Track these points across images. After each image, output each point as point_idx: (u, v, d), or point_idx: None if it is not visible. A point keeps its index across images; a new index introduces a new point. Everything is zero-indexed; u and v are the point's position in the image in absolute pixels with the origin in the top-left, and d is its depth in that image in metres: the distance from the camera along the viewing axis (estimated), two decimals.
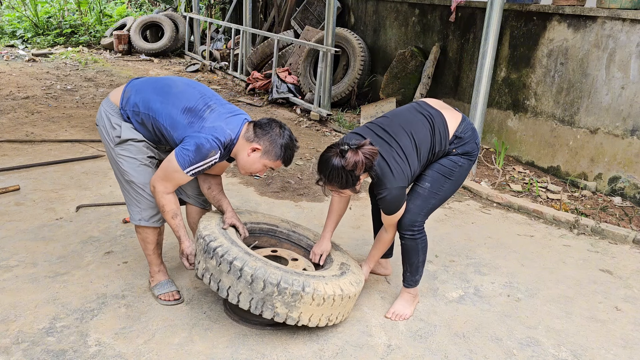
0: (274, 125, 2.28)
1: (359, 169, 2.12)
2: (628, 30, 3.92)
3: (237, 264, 2.11)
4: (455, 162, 2.37)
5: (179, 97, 2.28)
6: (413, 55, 5.87)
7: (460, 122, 2.38)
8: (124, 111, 2.33)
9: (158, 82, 2.36)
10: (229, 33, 9.81)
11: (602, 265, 3.19)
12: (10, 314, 2.39)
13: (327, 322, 2.26)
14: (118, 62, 9.40)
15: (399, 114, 2.38)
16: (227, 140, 2.23)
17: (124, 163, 2.36)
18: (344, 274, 2.34)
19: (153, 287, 2.57)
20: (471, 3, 5.25)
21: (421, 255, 2.49)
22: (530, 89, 4.76)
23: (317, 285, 2.14)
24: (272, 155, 2.25)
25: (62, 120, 5.54)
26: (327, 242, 2.54)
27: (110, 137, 2.36)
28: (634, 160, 3.98)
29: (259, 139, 2.25)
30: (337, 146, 2.18)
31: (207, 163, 2.20)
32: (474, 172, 4.48)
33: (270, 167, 2.32)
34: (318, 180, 2.26)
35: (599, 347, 2.42)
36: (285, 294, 2.09)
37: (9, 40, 10.68)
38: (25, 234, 3.12)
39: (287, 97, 6.89)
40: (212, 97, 2.35)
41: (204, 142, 2.16)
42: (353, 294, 2.28)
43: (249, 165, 2.29)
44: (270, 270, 2.11)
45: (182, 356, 2.19)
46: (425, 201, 2.39)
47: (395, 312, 2.53)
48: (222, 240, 2.23)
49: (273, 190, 4.06)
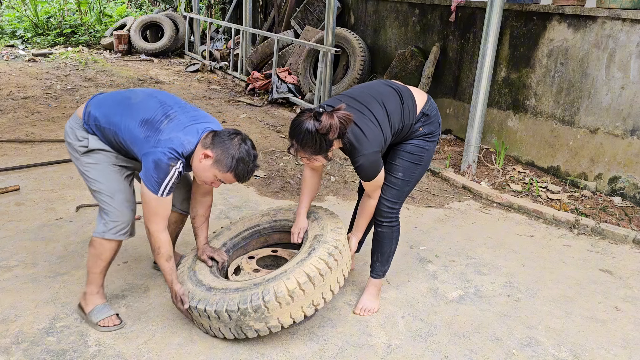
0: (234, 136, 2.15)
1: (333, 132, 2.09)
2: (628, 30, 3.92)
3: (200, 306, 2.17)
4: (422, 147, 2.42)
5: (137, 109, 2.20)
6: (413, 55, 5.87)
7: (427, 100, 2.43)
8: (88, 125, 2.25)
9: (118, 95, 2.30)
10: (229, 33, 9.80)
11: (602, 265, 3.19)
12: (10, 314, 2.39)
13: (315, 308, 2.19)
14: (118, 62, 9.40)
15: (369, 86, 2.42)
16: (185, 150, 2.13)
17: (91, 171, 2.27)
18: (312, 252, 2.24)
19: (89, 313, 2.34)
20: (471, 3, 5.25)
21: (394, 244, 2.56)
22: (530, 89, 4.76)
23: (277, 287, 2.09)
24: (223, 165, 2.11)
25: (62, 120, 5.54)
26: (303, 219, 2.53)
27: (76, 148, 2.27)
28: (634, 160, 3.98)
29: (214, 146, 2.12)
30: (310, 110, 2.15)
31: (173, 175, 2.10)
32: (473, 172, 4.48)
33: (221, 181, 2.18)
34: (290, 147, 2.20)
35: (599, 347, 2.42)
36: (250, 313, 2.09)
37: (9, 40, 10.68)
38: (25, 234, 3.12)
39: (287, 97, 6.89)
40: (174, 106, 2.24)
41: (161, 157, 2.07)
42: (325, 270, 2.17)
43: (200, 172, 2.17)
44: (229, 298, 2.13)
45: (182, 356, 2.19)
46: (400, 190, 2.46)
47: (363, 307, 2.56)
48: (188, 285, 2.29)
49: (273, 190, 4.06)
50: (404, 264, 3.06)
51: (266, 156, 4.84)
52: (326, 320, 2.49)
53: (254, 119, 6.23)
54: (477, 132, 4.39)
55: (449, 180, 4.48)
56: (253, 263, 2.49)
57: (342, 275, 2.31)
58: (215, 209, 3.63)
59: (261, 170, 4.45)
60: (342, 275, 2.31)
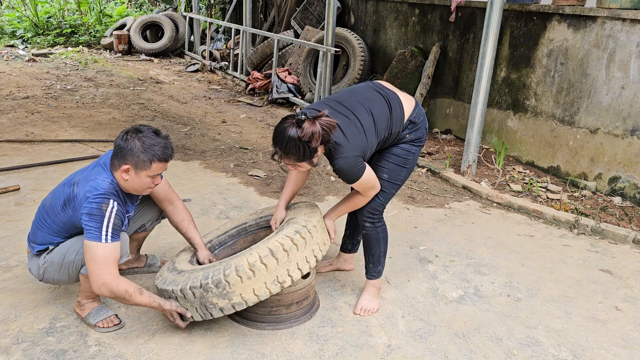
0: (126, 136, 2.11)
1: (315, 139, 2.07)
2: (628, 30, 3.92)
3: (167, 287, 2.19)
4: (408, 151, 2.41)
5: (53, 204, 2.23)
6: (413, 55, 5.87)
7: (415, 106, 2.40)
8: (40, 245, 2.29)
9: (37, 213, 2.33)
10: (229, 33, 9.81)
11: (602, 265, 3.19)
12: (10, 314, 2.39)
13: (280, 285, 2.16)
14: (118, 62, 9.40)
15: (356, 91, 2.38)
16: (105, 187, 2.11)
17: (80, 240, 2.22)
18: (280, 231, 2.24)
19: (85, 317, 2.34)
20: (471, 3, 5.25)
21: (382, 245, 2.55)
22: (530, 89, 4.76)
23: (238, 262, 2.09)
24: (142, 163, 2.09)
25: (62, 120, 5.54)
26: (281, 210, 2.54)
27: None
28: (634, 160, 3.98)
29: (122, 159, 2.10)
30: (293, 117, 2.13)
31: (110, 216, 2.07)
32: (473, 172, 4.48)
33: (156, 175, 2.16)
34: (274, 154, 2.18)
35: (599, 347, 2.42)
36: (212, 288, 2.09)
37: (9, 40, 10.69)
38: (25, 234, 3.11)
39: (287, 97, 6.89)
40: (76, 176, 2.25)
41: (88, 206, 2.06)
42: (290, 246, 2.15)
43: (136, 186, 2.16)
44: (194, 276, 2.14)
45: (182, 356, 2.19)
46: (386, 191, 2.45)
47: (362, 307, 2.56)
48: (165, 274, 2.32)
49: (273, 190, 4.06)
50: (404, 264, 3.06)
51: (266, 156, 4.84)
52: (326, 320, 2.49)
53: (254, 119, 6.23)
54: (477, 132, 4.39)
55: (449, 180, 4.48)
56: None
57: (313, 256, 2.26)
58: (215, 208, 3.63)
59: (261, 170, 4.46)
60: (313, 256, 2.26)
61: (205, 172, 4.36)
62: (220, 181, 4.17)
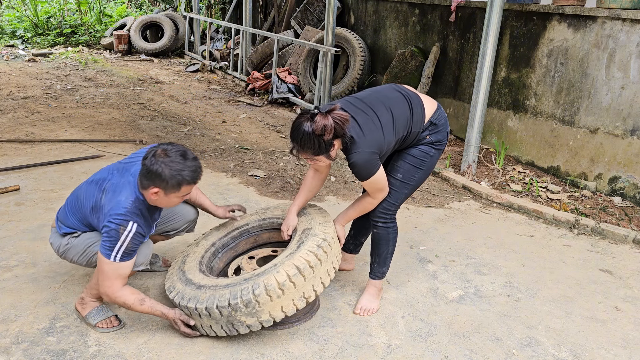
0: (153, 159, 2.09)
1: (328, 132, 2.11)
2: (628, 30, 3.92)
3: (190, 305, 2.17)
4: (427, 153, 2.41)
5: (84, 203, 2.28)
6: (413, 55, 5.87)
7: (437, 109, 2.42)
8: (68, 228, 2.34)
9: (71, 197, 2.37)
10: (229, 33, 9.80)
11: (602, 265, 3.19)
12: (10, 314, 2.39)
13: (306, 301, 2.18)
14: (118, 62, 9.40)
15: (378, 90, 2.42)
16: (127, 208, 2.13)
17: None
18: (301, 245, 2.25)
19: (86, 316, 2.36)
20: (471, 3, 5.25)
21: (391, 246, 2.55)
22: (530, 88, 4.76)
23: (267, 280, 2.10)
24: (172, 187, 2.11)
25: (62, 120, 5.54)
26: (293, 217, 2.52)
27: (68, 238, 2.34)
28: (634, 160, 3.98)
29: (151, 181, 2.11)
30: (308, 112, 2.17)
31: (126, 239, 2.11)
32: (473, 172, 4.48)
33: (185, 194, 2.20)
34: (292, 148, 2.24)
35: (599, 347, 2.42)
36: (241, 308, 2.09)
37: (9, 40, 10.68)
38: (25, 234, 3.12)
39: (287, 97, 6.89)
40: (108, 175, 2.28)
41: (108, 225, 2.11)
42: (314, 262, 2.18)
43: (164, 204, 2.21)
44: (219, 294, 2.13)
45: (182, 356, 2.19)
46: (398, 191, 2.44)
47: (362, 307, 2.56)
48: (178, 286, 2.28)
49: (273, 190, 4.06)
50: (404, 264, 3.06)
51: (266, 156, 4.84)
52: (326, 320, 2.49)
53: (254, 119, 6.23)
54: (477, 132, 4.39)
55: (449, 180, 4.48)
56: (253, 263, 2.49)
57: (332, 268, 2.31)
58: None
59: (261, 170, 4.46)
60: (332, 268, 2.31)
61: (205, 172, 4.32)
62: (220, 181, 4.17)
